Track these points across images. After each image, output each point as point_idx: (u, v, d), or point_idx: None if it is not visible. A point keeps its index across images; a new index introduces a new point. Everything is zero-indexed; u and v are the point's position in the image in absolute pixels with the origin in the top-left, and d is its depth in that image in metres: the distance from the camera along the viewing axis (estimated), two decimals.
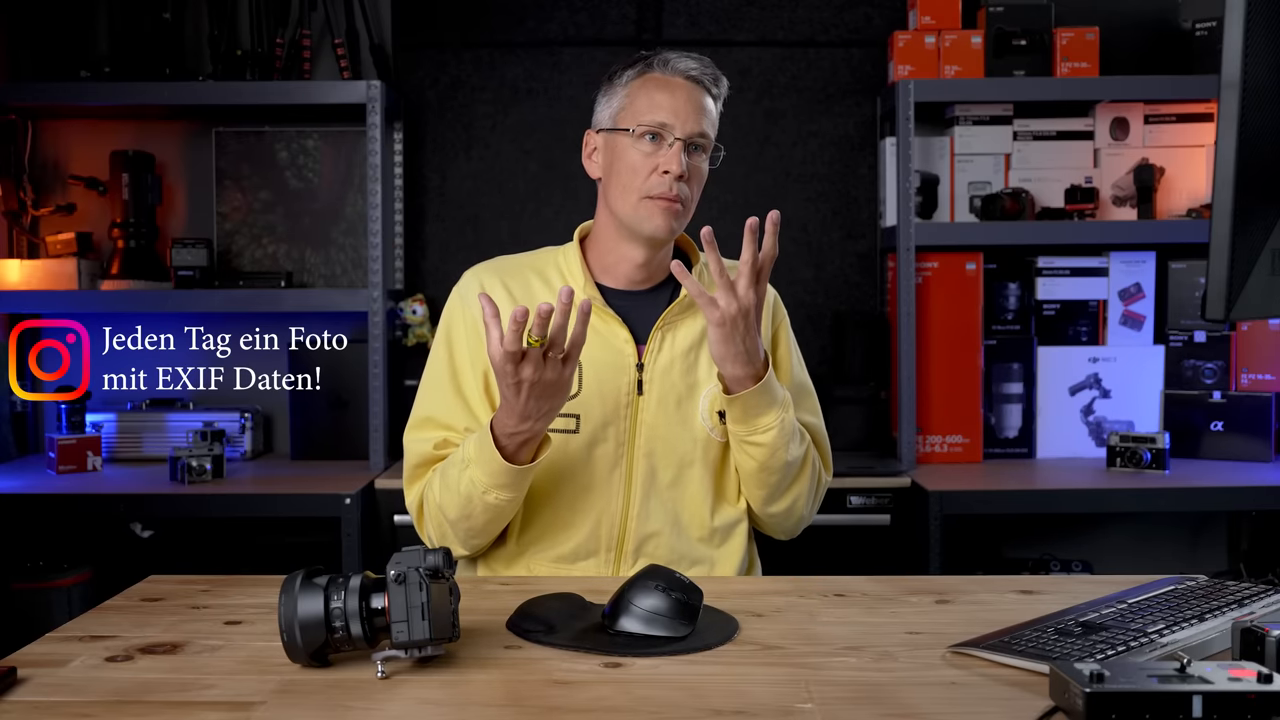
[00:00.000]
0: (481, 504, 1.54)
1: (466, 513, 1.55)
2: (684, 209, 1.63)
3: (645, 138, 1.61)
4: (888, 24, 3.09)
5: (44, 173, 3.08)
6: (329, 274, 3.13)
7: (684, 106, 1.61)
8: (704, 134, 1.63)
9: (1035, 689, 1.08)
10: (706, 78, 1.64)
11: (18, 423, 3.05)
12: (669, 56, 1.64)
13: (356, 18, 3.03)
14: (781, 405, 1.59)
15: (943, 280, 2.86)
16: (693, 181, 1.63)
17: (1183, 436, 2.85)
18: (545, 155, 3.13)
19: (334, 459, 2.89)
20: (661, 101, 1.61)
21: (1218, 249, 1.12)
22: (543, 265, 1.71)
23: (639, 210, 1.61)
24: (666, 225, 1.61)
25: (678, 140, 1.60)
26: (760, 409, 1.57)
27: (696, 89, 1.63)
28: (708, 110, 1.64)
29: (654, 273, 1.69)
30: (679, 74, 1.63)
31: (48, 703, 1.08)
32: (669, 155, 1.60)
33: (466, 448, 1.55)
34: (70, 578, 2.67)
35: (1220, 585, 1.37)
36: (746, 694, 1.09)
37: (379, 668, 1.13)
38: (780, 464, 1.61)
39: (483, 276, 1.70)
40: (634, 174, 1.61)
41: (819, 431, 1.75)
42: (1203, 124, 2.97)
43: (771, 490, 1.65)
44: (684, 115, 1.61)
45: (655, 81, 1.63)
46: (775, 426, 1.58)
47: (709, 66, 1.65)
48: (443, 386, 1.66)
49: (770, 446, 1.59)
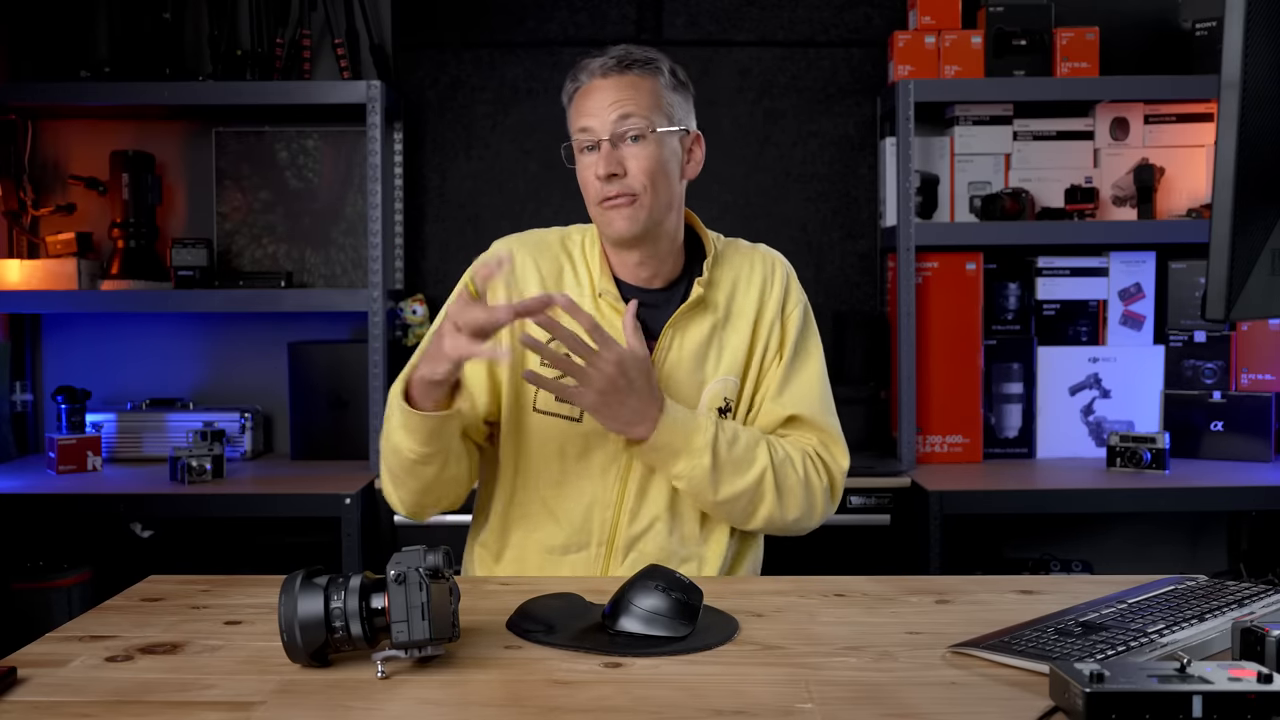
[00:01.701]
0: (400, 445, 1.53)
1: (390, 452, 1.56)
2: (638, 200, 1.59)
3: (584, 151, 1.62)
4: (888, 24, 3.09)
5: (44, 173, 3.08)
6: (329, 274, 3.13)
7: (600, 106, 1.60)
8: (626, 117, 1.58)
9: (1035, 689, 1.08)
10: (616, 65, 1.61)
11: (18, 423, 3.06)
12: (582, 62, 1.63)
13: (356, 18, 3.04)
14: (690, 453, 1.56)
15: (943, 280, 2.86)
16: (637, 172, 1.59)
17: (1183, 436, 2.86)
18: (545, 155, 3.12)
19: (334, 459, 2.89)
20: (584, 108, 1.61)
21: (1218, 249, 1.12)
22: (572, 248, 1.71)
23: (599, 220, 1.63)
24: (622, 225, 1.60)
25: (602, 141, 1.59)
26: (664, 461, 1.58)
27: (611, 80, 1.60)
28: (634, 93, 1.60)
29: (660, 272, 1.68)
30: (594, 75, 1.62)
31: (48, 703, 1.08)
32: (595, 159, 1.60)
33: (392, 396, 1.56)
34: (70, 578, 2.67)
35: (1220, 585, 1.37)
36: (746, 694, 1.09)
37: (379, 668, 1.13)
38: (710, 504, 1.61)
39: (513, 247, 1.71)
40: (585, 188, 1.63)
41: (817, 421, 1.69)
42: (1203, 124, 2.97)
43: (731, 518, 1.65)
44: (602, 114, 1.59)
45: (579, 93, 1.63)
46: (685, 475, 1.58)
47: (625, 51, 1.62)
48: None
49: (691, 492, 1.60)
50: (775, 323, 1.70)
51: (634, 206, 1.59)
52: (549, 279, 1.67)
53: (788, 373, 1.70)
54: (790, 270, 1.75)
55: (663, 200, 1.62)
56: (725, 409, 1.66)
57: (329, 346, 2.96)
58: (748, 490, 1.60)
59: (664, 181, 1.61)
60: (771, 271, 1.72)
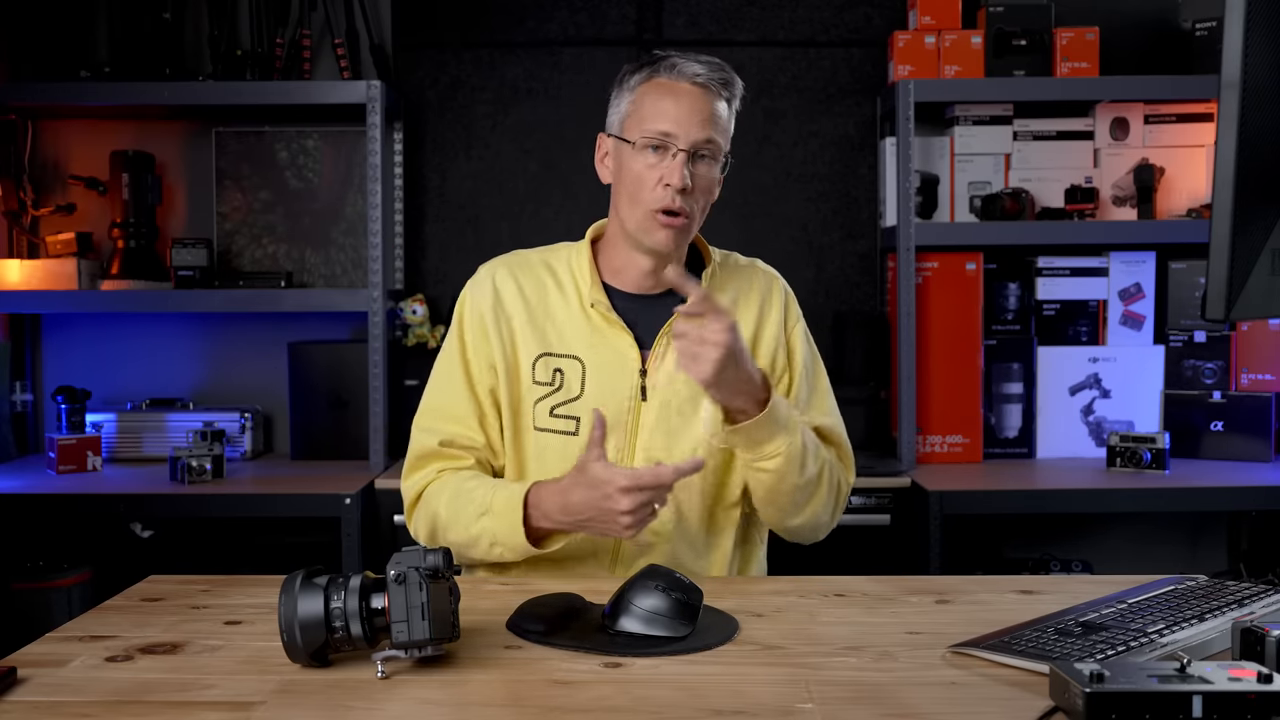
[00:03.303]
0: (485, 551, 1.56)
1: (468, 545, 1.57)
2: (688, 222, 1.60)
3: (649, 149, 1.58)
4: (888, 24, 3.09)
5: (44, 173, 3.08)
6: (329, 274, 3.13)
7: (688, 114, 1.57)
8: (710, 141, 1.58)
9: (1035, 689, 1.08)
10: (715, 82, 1.59)
11: (18, 423, 3.06)
12: (676, 61, 1.59)
13: (356, 18, 3.04)
14: (788, 431, 1.55)
15: (943, 280, 2.86)
16: (698, 191, 1.59)
17: (1183, 436, 2.85)
18: (545, 155, 3.13)
19: (334, 459, 2.89)
20: (666, 109, 1.57)
21: (1218, 249, 1.12)
22: (555, 264, 1.70)
23: (643, 224, 1.60)
24: (669, 241, 1.59)
25: (681, 151, 1.56)
26: (764, 438, 1.54)
27: (704, 94, 1.58)
28: (717, 116, 1.59)
29: (663, 278, 1.68)
30: (685, 79, 1.58)
31: (48, 703, 1.08)
32: (671, 167, 1.56)
33: (491, 496, 1.55)
34: (70, 578, 2.67)
35: (1220, 585, 1.37)
36: (746, 694, 1.09)
37: (379, 668, 1.13)
38: (790, 487, 1.58)
39: (496, 273, 1.70)
40: (638, 185, 1.59)
41: (836, 433, 1.71)
42: (1203, 124, 2.97)
43: (784, 510, 1.62)
44: (688, 124, 1.56)
45: (661, 87, 1.59)
46: (781, 453, 1.55)
47: (719, 70, 1.60)
48: (453, 377, 1.67)
49: (778, 472, 1.56)
50: (779, 339, 1.70)
51: (684, 226, 1.60)
52: (532, 297, 1.67)
53: (810, 386, 1.71)
54: (787, 286, 1.76)
55: (700, 221, 1.64)
56: None
57: (329, 346, 2.96)
58: (813, 480, 1.61)
59: (708, 204, 1.64)
60: (769, 288, 1.74)
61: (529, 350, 1.65)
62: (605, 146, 1.68)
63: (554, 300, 1.67)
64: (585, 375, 1.62)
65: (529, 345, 1.65)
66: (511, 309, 1.67)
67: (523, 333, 1.65)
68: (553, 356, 1.64)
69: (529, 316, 1.66)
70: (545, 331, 1.65)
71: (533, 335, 1.65)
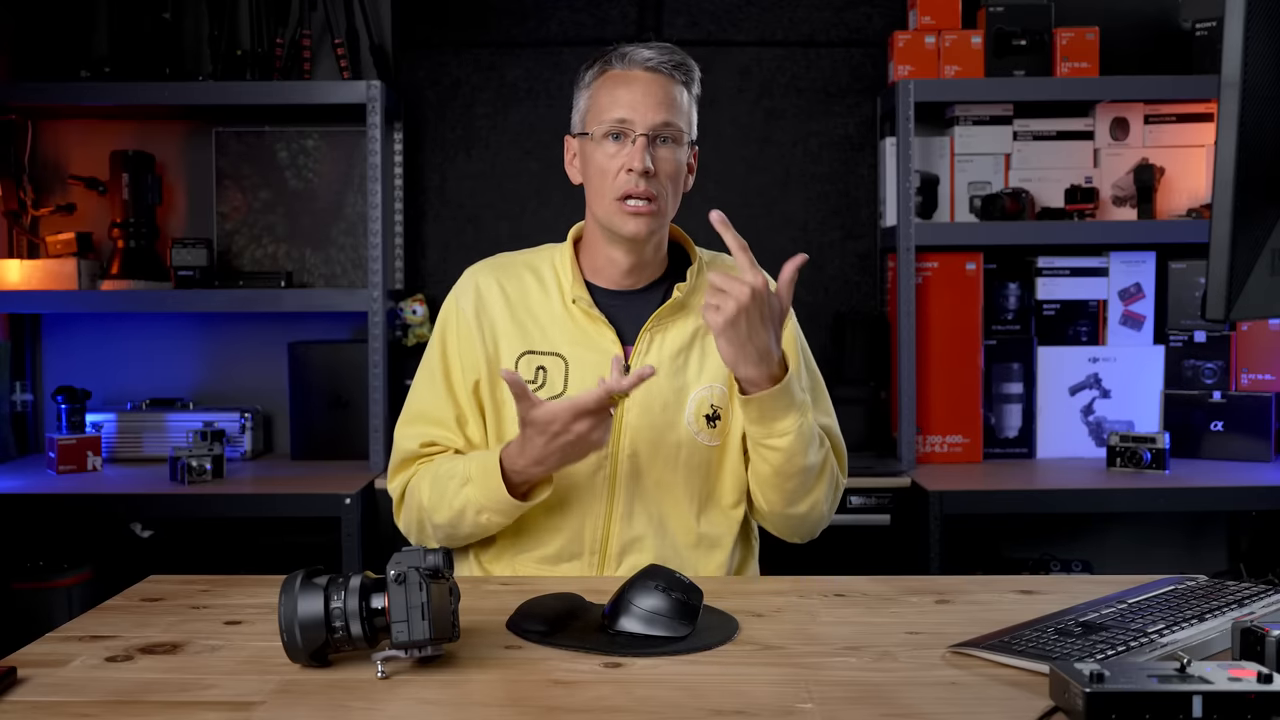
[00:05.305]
0: (472, 521, 1.58)
1: (454, 523, 1.59)
2: (657, 207, 1.59)
3: (609, 139, 1.59)
4: (888, 24, 3.09)
5: (44, 173, 3.08)
6: (329, 274, 3.13)
7: (643, 99, 1.58)
8: (668, 124, 1.58)
9: (1035, 689, 1.08)
10: (666, 65, 1.60)
11: (18, 423, 3.06)
12: (627, 50, 1.61)
13: (356, 18, 3.03)
14: (800, 409, 1.55)
15: (943, 280, 2.86)
16: (663, 176, 1.59)
17: (1183, 436, 2.85)
18: (545, 155, 3.12)
19: (334, 459, 2.89)
20: (620, 97, 1.59)
21: (1218, 249, 1.12)
22: (539, 264, 1.71)
23: (611, 214, 1.60)
24: (641, 227, 1.59)
25: (640, 135, 1.57)
26: (777, 413, 1.53)
27: (657, 78, 1.60)
28: (673, 99, 1.60)
29: (644, 273, 1.68)
30: (637, 66, 1.60)
31: (48, 703, 1.08)
32: (632, 152, 1.57)
33: (468, 466, 1.57)
34: (70, 578, 2.67)
35: (1220, 585, 1.37)
36: (746, 694, 1.09)
37: (379, 668, 1.13)
38: (797, 469, 1.57)
39: (479, 275, 1.71)
40: (602, 176, 1.60)
41: (833, 432, 1.71)
42: (1203, 124, 2.97)
43: (789, 495, 1.61)
44: (644, 108, 1.57)
45: (614, 78, 1.61)
46: (793, 431, 1.54)
47: (671, 53, 1.61)
48: (434, 383, 1.68)
49: (787, 451, 1.55)
50: None
51: (654, 211, 1.59)
52: (514, 296, 1.68)
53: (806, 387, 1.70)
54: None
55: (672, 207, 1.63)
56: (713, 417, 1.64)
57: (329, 346, 2.96)
58: (818, 466, 1.60)
59: (677, 189, 1.64)
60: None
61: (512, 348, 1.65)
62: (572, 148, 1.69)
63: (536, 298, 1.67)
64: (568, 372, 1.63)
65: (512, 343, 1.65)
66: (494, 308, 1.67)
67: (505, 331, 1.66)
68: (536, 354, 1.65)
69: (511, 315, 1.66)
70: (528, 329, 1.66)
71: (515, 333, 1.66)
